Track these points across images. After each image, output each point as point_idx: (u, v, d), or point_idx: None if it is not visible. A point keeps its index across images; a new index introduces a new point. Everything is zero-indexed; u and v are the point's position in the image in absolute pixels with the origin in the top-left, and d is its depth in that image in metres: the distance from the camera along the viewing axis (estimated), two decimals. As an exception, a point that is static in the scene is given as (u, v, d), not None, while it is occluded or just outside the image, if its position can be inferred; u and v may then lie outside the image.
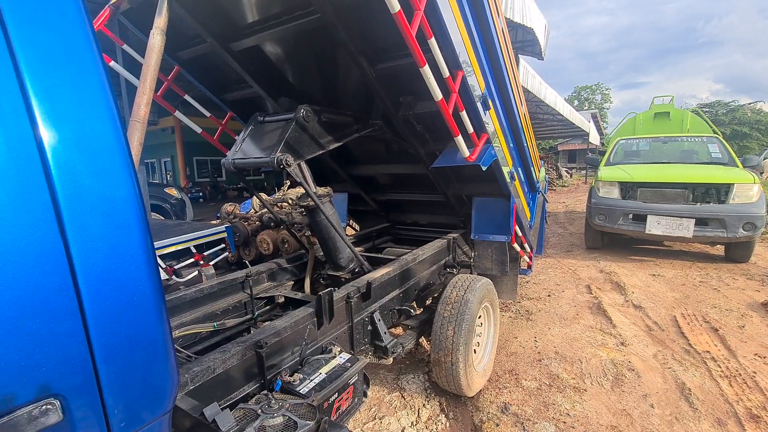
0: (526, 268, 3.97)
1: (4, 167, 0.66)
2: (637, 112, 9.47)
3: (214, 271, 3.70)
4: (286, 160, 2.07)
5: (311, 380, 1.74)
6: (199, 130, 3.03)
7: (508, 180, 2.95)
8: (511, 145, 3.15)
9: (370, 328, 2.38)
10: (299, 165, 2.50)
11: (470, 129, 2.23)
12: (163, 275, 3.83)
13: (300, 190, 7.91)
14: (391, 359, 2.43)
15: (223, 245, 4.47)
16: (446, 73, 1.90)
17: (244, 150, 2.34)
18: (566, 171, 26.14)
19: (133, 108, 1.92)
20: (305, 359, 1.90)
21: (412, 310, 2.65)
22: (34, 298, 0.59)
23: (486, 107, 2.37)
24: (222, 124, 3.19)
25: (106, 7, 2.31)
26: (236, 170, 2.33)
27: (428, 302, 3.12)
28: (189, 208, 8.69)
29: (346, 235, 4.39)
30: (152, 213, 7.45)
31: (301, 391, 1.67)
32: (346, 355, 1.98)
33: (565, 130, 26.12)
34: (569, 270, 5.68)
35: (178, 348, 2.07)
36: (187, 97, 2.97)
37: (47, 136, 0.72)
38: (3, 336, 0.56)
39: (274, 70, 2.78)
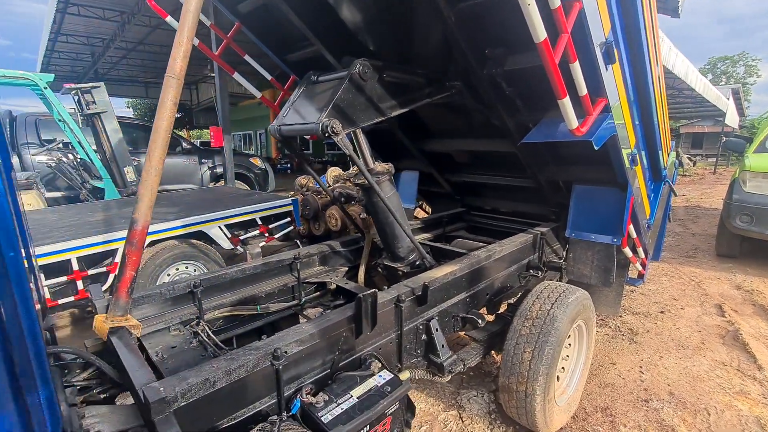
0: (636, 277, 3.15)
1: None
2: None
3: (260, 250, 3.56)
4: (333, 126, 1.67)
5: (338, 405, 1.39)
6: (258, 94, 2.80)
7: (628, 165, 2.21)
8: (637, 120, 2.37)
9: (425, 337, 1.95)
10: (354, 133, 2.10)
11: (582, 89, 1.59)
12: (229, 245, 3.82)
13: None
14: (449, 378, 1.98)
15: (288, 219, 4.36)
16: (556, 1, 1.30)
17: (294, 114, 2.01)
18: (688, 158, 22.04)
19: (169, 62, 1.66)
20: (336, 373, 1.55)
21: (480, 320, 2.14)
22: None
23: (609, 59, 1.69)
24: (284, 89, 2.92)
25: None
26: (282, 138, 2.01)
27: (503, 309, 2.57)
28: (271, 179, 8.99)
29: (414, 218, 3.95)
30: (237, 181, 7.81)
31: (322, 419, 1.32)
32: (387, 374, 1.58)
33: (694, 109, 21.90)
34: (691, 281, 4.55)
35: (209, 336, 1.88)
36: (247, 58, 2.73)
37: None
38: None
39: (337, 22, 2.38)
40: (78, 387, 1.60)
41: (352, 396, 1.45)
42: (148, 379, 1.22)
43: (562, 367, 2.36)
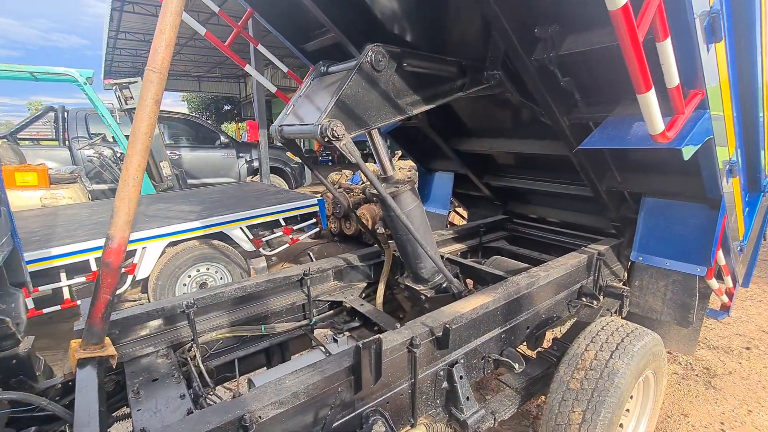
0: (719, 309, 2.57)
1: None
2: None
3: (265, 264, 3.34)
4: (333, 130, 1.35)
5: (322, 488, 1.09)
6: (273, 89, 2.54)
7: (724, 175, 1.69)
8: (735, 114, 1.83)
9: (446, 385, 1.61)
10: (370, 135, 1.77)
11: (674, 79, 1.13)
12: (251, 247, 3.65)
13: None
14: (474, 434, 1.63)
15: (314, 220, 4.13)
16: (643, -51, 0.88)
17: (297, 112, 1.72)
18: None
19: (150, 53, 1.42)
20: (328, 437, 1.25)
21: (516, 365, 1.75)
22: None
23: (713, 37, 1.21)
24: (302, 82, 2.63)
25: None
26: (284, 140, 1.73)
27: (547, 343, 2.15)
28: (307, 173, 8.88)
29: (448, 224, 3.56)
30: (272, 175, 7.76)
31: None
32: (391, 442, 1.26)
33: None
34: (785, 308, 3.78)
35: (198, 366, 1.66)
36: (260, 47, 2.47)
37: None
38: None
39: (357, 4, 2.05)
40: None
41: (342, 473, 1.15)
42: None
43: (620, 424, 1.92)
